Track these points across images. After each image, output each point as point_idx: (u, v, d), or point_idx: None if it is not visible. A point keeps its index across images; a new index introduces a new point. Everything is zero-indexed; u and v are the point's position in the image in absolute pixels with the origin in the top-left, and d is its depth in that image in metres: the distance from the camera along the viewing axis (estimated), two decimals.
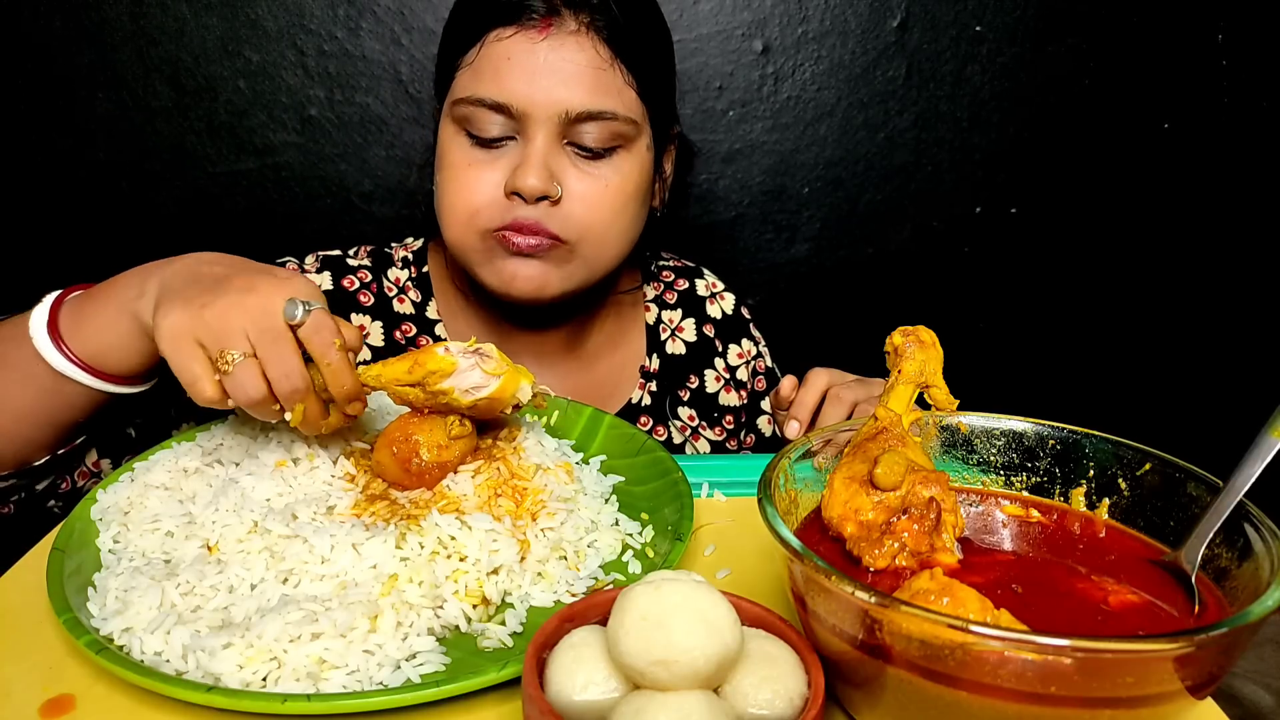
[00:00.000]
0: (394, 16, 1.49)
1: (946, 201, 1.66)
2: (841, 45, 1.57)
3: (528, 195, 0.99)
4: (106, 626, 0.61)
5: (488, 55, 0.99)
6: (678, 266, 1.35)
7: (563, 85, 0.98)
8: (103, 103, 1.49)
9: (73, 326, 0.81)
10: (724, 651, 0.46)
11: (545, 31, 0.98)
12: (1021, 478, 0.69)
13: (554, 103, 0.98)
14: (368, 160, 1.56)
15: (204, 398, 0.70)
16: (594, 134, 1.01)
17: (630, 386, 1.24)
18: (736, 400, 1.30)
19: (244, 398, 0.70)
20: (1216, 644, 0.44)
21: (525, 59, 0.98)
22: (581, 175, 1.02)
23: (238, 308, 0.70)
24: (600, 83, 0.99)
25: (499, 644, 0.63)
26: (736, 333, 1.32)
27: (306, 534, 0.66)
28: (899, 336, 0.71)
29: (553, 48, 0.98)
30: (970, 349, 1.58)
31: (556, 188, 1.00)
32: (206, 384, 0.70)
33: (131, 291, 0.79)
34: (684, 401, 1.27)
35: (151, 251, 1.58)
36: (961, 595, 0.50)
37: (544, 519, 0.74)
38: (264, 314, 0.71)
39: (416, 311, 1.19)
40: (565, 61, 0.98)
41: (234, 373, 0.69)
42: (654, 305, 1.29)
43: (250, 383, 0.69)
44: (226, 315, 0.70)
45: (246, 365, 0.69)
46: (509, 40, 0.98)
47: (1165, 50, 1.60)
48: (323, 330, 0.72)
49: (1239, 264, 1.72)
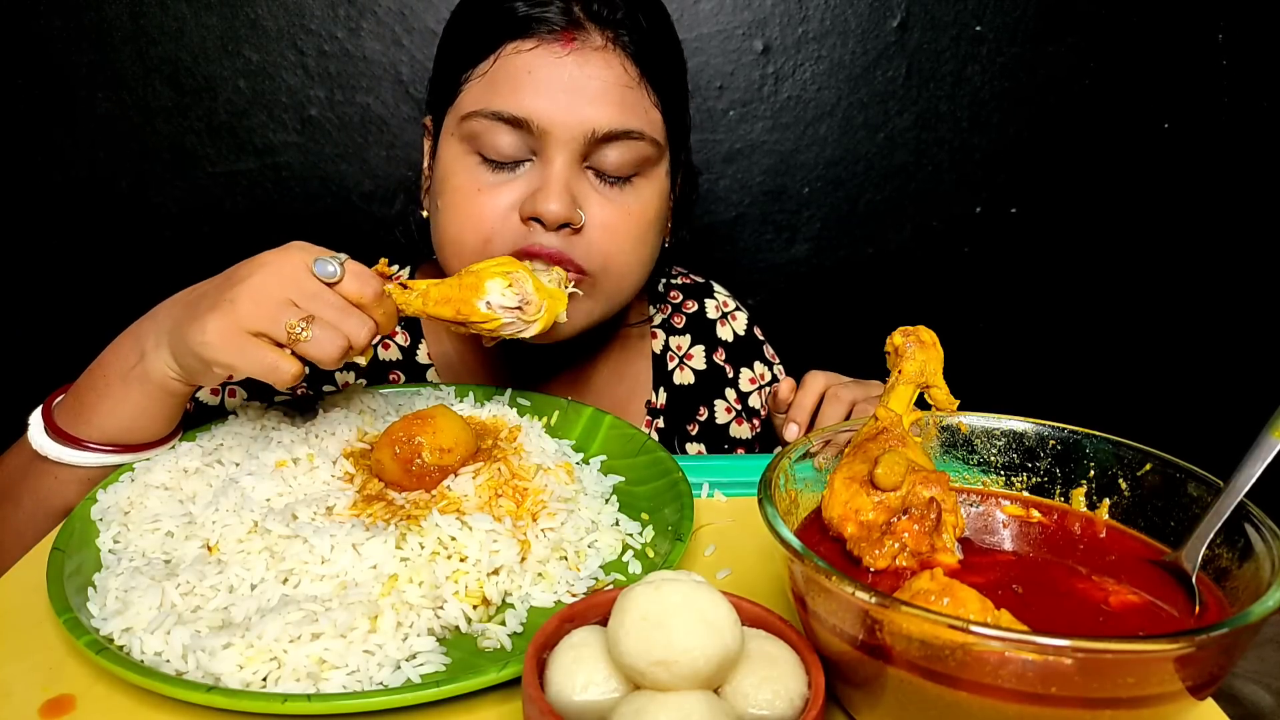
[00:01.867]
0: (394, 17, 1.49)
1: (946, 201, 1.66)
2: (841, 45, 1.57)
3: (549, 222, 0.90)
4: (107, 626, 0.61)
5: (505, 68, 0.91)
6: (686, 285, 1.26)
7: (590, 103, 0.90)
8: (103, 103, 1.49)
9: (80, 422, 0.79)
10: (724, 652, 0.46)
11: (569, 46, 0.90)
12: (1022, 478, 0.69)
13: (579, 122, 0.90)
14: (368, 160, 1.56)
15: (289, 377, 0.70)
16: (617, 157, 0.93)
17: (636, 424, 1.15)
18: (748, 432, 1.22)
19: (330, 356, 0.70)
20: (1217, 644, 0.44)
21: (549, 73, 0.90)
22: (604, 202, 0.94)
23: (266, 286, 0.70)
24: (628, 101, 0.92)
25: (499, 644, 0.63)
26: (749, 356, 1.24)
27: (306, 534, 0.66)
28: (899, 337, 0.71)
29: (579, 63, 0.90)
30: (970, 349, 1.58)
31: (580, 214, 0.91)
32: (286, 363, 0.70)
33: (129, 360, 0.77)
34: (692, 437, 1.20)
35: (151, 251, 1.59)
36: (962, 595, 0.50)
37: (544, 519, 0.74)
38: (299, 279, 0.71)
39: (405, 356, 1.11)
40: (592, 79, 0.90)
41: (313, 337, 0.70)
42: (661, 331, 1.21)
43: (332, 341, 0.70)
44: (259, 298, 0.70)
45: (320, 326, 0.70)
46: (530, 53, 0.90)
47: (1165, 50, 1.60)
48: (364, 277, 0.73)
49: (1239, 264, 1.73)
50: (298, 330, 0.69)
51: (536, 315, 0.81)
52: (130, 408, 0.78)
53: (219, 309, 0.70)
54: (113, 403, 0.78)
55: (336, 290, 0.73)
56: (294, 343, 0.70)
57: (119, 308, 0.87)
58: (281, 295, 0.70)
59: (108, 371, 0.79)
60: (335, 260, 0.72)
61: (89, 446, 0.79)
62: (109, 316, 0.87)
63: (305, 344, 0.70)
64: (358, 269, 0.74)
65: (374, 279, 0.75)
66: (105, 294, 1.57)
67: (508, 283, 0.80)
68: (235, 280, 0.71)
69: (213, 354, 0.69)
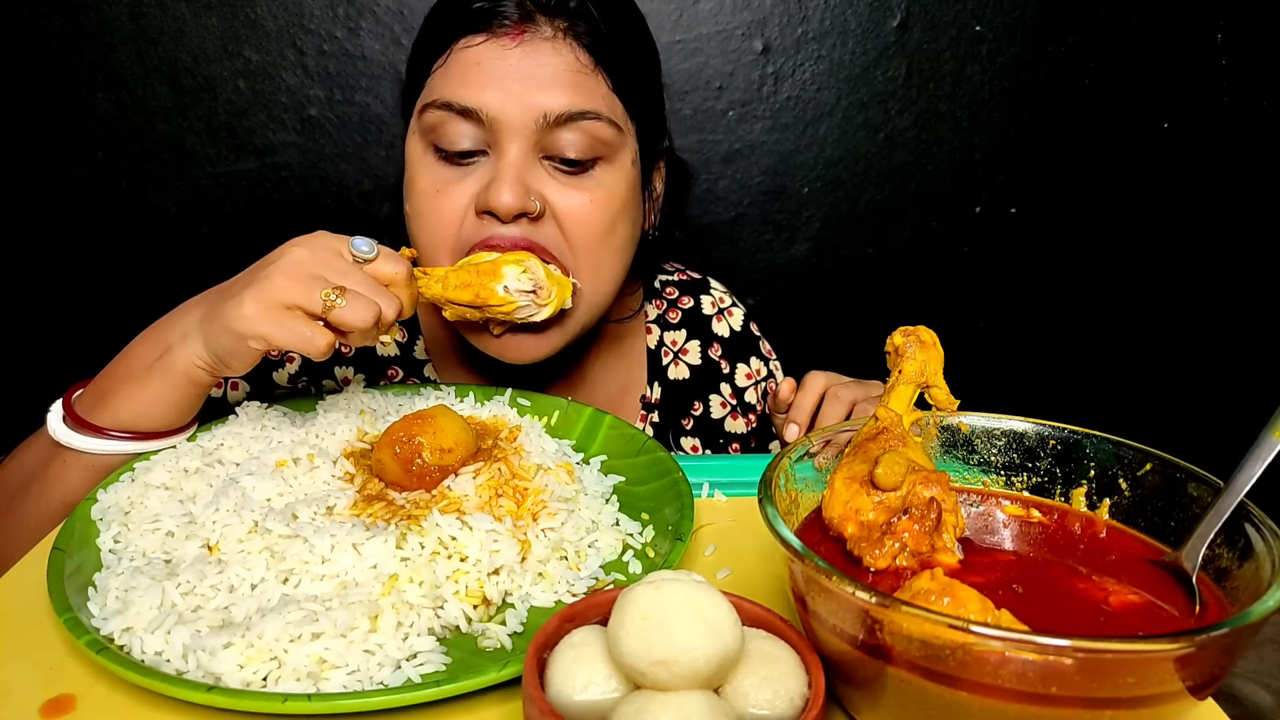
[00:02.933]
0: (394, 16, 1.50)
1: (946, 201, 1.66)
2: (841, 45, 1.57)
3: (503, 213, 0.90)
4: (107, 626, 0.61)
5: (458, 61, 0.93)
6: (682, 281, 1.27)
7: (539, 89, 0.91)
8: (103, 103, 1.49)
9: (97, 408, 0.81)
10: (724, 651, 0.46)
11: (519, 39, 0.92)
12: (1022, 478, 0.69)
13: (529, 108, 0.90)
14: (368, 160, 1.56)
15: (321, 348, 0.72)
16: (574, 142, 0.92)
17: (631, 419, 1.18)
18: (744, 427, 1.23)
19: (364, 322, 0.73)
20: (1217, 644, 0.44)
21: (496, 65, 0.91)
22: (562, 189, 0.94)
23: (301, 263, 0.74)
24: (581, 85, 0.93)
25: (499, 644, 0.63)
26: (745, 351, 1.25)
27: (307, 534, 0.66)
28: (899, 337, 0.71)
29: (526, 54, 0.91)
30: (970, 349, 1.58)
31: (534, 202, 0.91)
32: (319, 336, 0.72)
33: (153, 353, 0.80)
34: (687, 431, 1.20)
35: (151, 251, 1.59)
36: (962, 595, 0.50)
37: (545, 519, 0.74)
38: (331, 259, 0.75)
39: (402, 352, 1.13)
40: (540, 66, 0.91)
41: (347, 304, 0.72)
42: (656, 326, 1.21)
43: (363, 309, 0.73)
44: (294, 273, 0.73)
45: (352, 296, 0.73)
46: (479, 47, 0.92)
47: (1165, 50, 1.60)
48: (395, 258, 0.79)
49: (1239, 264, 1.73)
50: (333, 297, 0.72)
51: (548, 300, 0.90)
52: (149, 394, 0.79)
53: (255, 284, 0.73)
54: (132, 389, 0.80)
55: (368, 270, 0.77)
56: (328, 311, 0.72)
57: (119, 308, 0.87)
58: (315, 270, 0.74)
59: (131, 364, 0.81)
60: (370, 241, 0.77)
61: (104, 433, 0.80)
62: (109, 316, 0.87)
63: (340, 310, 0.72)
64: (389, 251, 0.79)
65: (404, 261, 0.80)
66: (106, 294, 1.57)
67: (523, 269, 0.89)
68: (268, 263, 0.75)
69: (249, 326, 0.72)
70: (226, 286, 0.79)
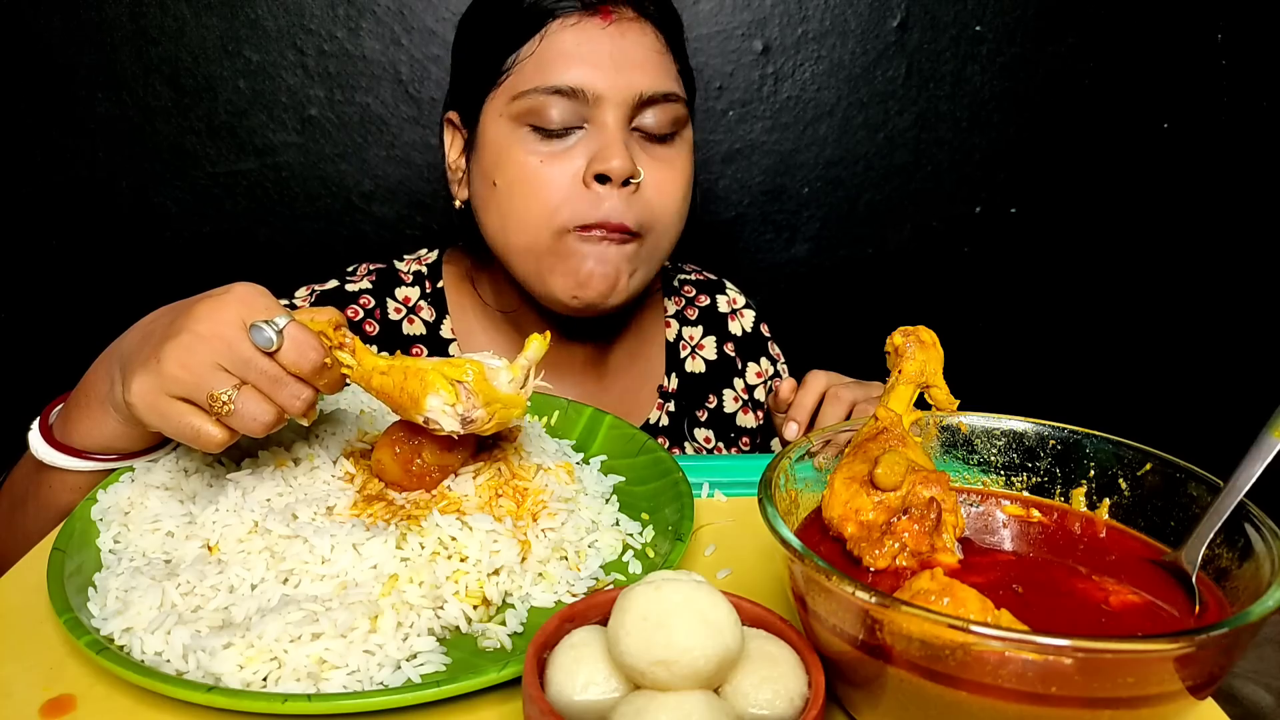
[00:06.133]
0: (394, 16, 1.49)
1: (946, 201, 1.66)
2: (841, 45, 1.57)
3: (616, 176, 0.97)
4: (107, 626, 0.61)
5: (553, 45, 0.99)
6: (700, 280, 1.32)
7: (634, 69, 0.99)
8: (103, 103, 1.49)
9: (70, 433, 0.79)
10: (724, 651, 0.46)
11: (609, 19, 0.99)
12: (1022, 478, 0.69)
13: (626, 85, 0.98)
14: (368, 160, 1.56)
15: (214, 444, 0.66)
16: (658, 118, 1.01)
17: (648, 407, 1.22)
18: (754, 422, 1.28)
19: (258, 426, 0.66)
20: (1217, 644, 0.44)
21: (595, 45, 0.99)
22: (653, 160, 1.02)
23: (195, 348, 0.65)
24: (662, 66, 1.02)
25: (499, 644, 0.63)
26: (756, 351, 1.30)
27: (307, 534, 0.66)
28: (899, 337, 0.71)
29: (619, 34, 0.99)
30: (970, 349, 1.58)
31: (639, 169, 0.99)
32: (212, 430, 0.65)
33: (104, 385, 0.75)
34: (701, 422, 1.25)
35: (151, 251, 1.59)
36: (962, 595, 0.50)
37: (545, 519, 0.74)
38: (230, 342, 0.65)
39: (429, 331, 1.15)
40: (633, 46, 1.00)
41: (237, 409, 0.65)
42: (675, 321, 1.27)
43: (259, 411, 0.65)
44: (186, 360, 0.65)
45: (247, 395, 0.65)
46: (575, 28, 0.99)
47: (1165, 50, 1.60)
48: (304, 348, 0.66)
49: (1239, 264, 1.73)
50: (221, 400, 0.64)
51: (484, 424, 0.69)
52: (110, 429, 0.76)
53: (146, 365, 0.66)
54: (93, 423, 0.77)
55: (275, 358, 0.66)
56: (217, 413, 0.65)
57: (120, 308, 0.87)
58: (210, 359, 0.64)
59: (89, 393, 0.77)
60: (274, 326, 0.65)
61: (83, 455, 0.79)
62: (109, 317, 0.87)
63: (228, 417, 0.65)
64: (299, 336, 0.66)
65: (315, 349, 0.66)
66: (106, 294, 1.57)
67: (452, 397, 0.68)
68: (171, 333, 0.66)
69: (137, 413, 0.67)
70: (142, 339, 0.70)
